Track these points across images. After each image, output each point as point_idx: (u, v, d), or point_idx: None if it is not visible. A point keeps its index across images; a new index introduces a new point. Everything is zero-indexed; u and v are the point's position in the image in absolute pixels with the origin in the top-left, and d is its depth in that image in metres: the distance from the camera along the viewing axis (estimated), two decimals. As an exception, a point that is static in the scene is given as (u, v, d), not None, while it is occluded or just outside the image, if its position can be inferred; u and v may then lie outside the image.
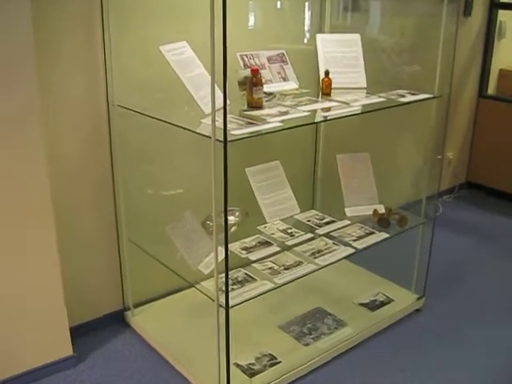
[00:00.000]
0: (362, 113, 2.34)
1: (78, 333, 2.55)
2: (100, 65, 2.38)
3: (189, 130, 1.99)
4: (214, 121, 1.83)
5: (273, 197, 2.72)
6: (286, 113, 2.22)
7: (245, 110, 2.24)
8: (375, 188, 2.85)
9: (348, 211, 2.79)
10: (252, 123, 2.06)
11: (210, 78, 2.24)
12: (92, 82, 2.38)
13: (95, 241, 2.61)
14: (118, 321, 2.78)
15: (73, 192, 2.46)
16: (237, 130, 1.96)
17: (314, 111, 2.31)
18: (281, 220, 2.70)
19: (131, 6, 2.33)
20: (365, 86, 2.72)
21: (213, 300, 2.06)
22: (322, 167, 3.24)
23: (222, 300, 2.02)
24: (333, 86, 2.62)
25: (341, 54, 2.74)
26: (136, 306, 2.78)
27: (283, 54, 2.76)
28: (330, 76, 2.57)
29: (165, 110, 2.21)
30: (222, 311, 2.04)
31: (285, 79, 2.72)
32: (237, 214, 2.70)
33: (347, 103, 2.40)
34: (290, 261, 2.41)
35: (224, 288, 1.99)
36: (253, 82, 2.28)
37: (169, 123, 2.10)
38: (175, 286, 2.83)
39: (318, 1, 2.98)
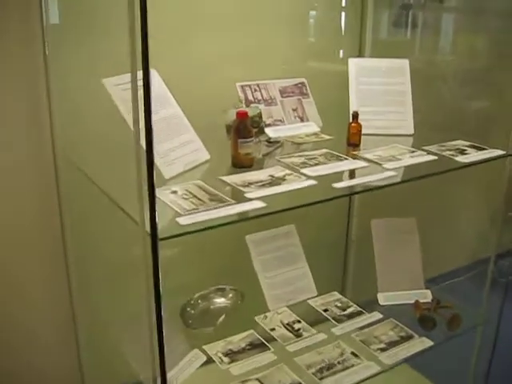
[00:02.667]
0: (397, 183, 1.60)
1: None
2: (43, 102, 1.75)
3: (119, 207, 1.33)
4: (141, 198, 1.16)
5: (280, 274, 2.06)
6: (280, 180, 1.53)
7: (224, 174, 1.57)
8: (421, 266, 2.11)
9: (381, 298, 2.07)
10: (220, 200, 1.38)
11: (185, 122, 1.61)
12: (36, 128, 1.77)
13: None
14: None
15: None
16: (187, 217, 1.29)
17: (327, 177, 1.59)
18: (288, 307, 2.01)
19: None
20: (411, 132, 1.98)
21: None
22: (358, 234, 2.50)
23: None
24: (368, 131, 1.90)
25: (381, 86, 2.01)
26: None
27: (303, 84, 2.06)
28: (361, 119, 1.85)
29: (111, 170, 1.57)
30: None
31: (302, 119, 2.02)
32: (230, 295, 2.04)
33: (379, 164, 1.67)
34: (285, 381, 1.72)
35: None
36: (238, 130, 1.60)
37: (103, 191, 1.45)
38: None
39: (357, 12, 2.23)
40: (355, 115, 1.82)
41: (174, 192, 1.44)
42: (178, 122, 1.66)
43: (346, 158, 1.71)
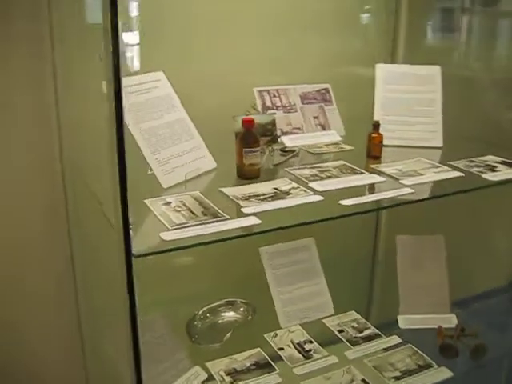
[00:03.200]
0: (413, 202, 1.47)
1: None
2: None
3: (107, 218, 1.26)
4: (118, 209, 1.08)
5: (295, 290, 1.94)
6: (284, 194, 1.42)
7: (227, 185, 1.48)
8: (447, 288, 1.96)
9: (402, 321, 1.93)
10: (213, 215, 1.29)
11: (191, 128, 1.54)
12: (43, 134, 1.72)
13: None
14: None
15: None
16: (173, 232, 1.20)
17: (336, 192, 1.47)
18: (301, 326, 1.90)
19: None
20: (440, 145, 1.84)
21: None
22: (384, 250, 2.35)
23: None
24: (393, 142, 1.78)
25: (409, 94, 1.88)
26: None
27: (327, 91, 1.95)
28: (386, 129, 1.73)
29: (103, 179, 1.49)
30: None
31: (324, 127, 1.90)
32: (240, 309, 1.95)
33: (397, 179, 1.54)
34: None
35: None
36: (244, 139, 1.50)
37: (98, 202, 1.38)
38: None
39: (389, 16, 2.10)
40: (376, 125, 1.70)
41: (168, 203, 1.36)
42: (182, 127, 1.59)
43: (362, 172, 1.59)
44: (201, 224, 1.23)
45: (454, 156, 1.75)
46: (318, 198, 1.41)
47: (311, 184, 1.49)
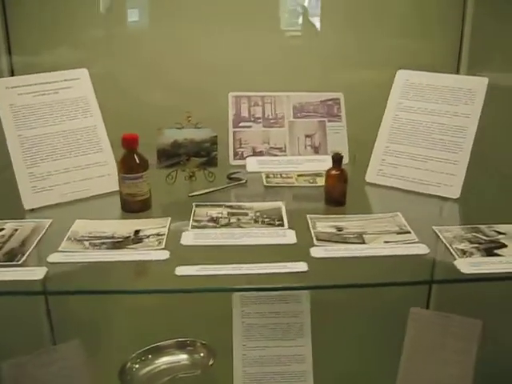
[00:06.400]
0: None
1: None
2: None
3: None
4: None
5: (268, 348, 1.55)
6: (132, 242, 1.08)
7: (98, 217, 1.20)
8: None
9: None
10: (11, 258, 1.04)
11: (102, 139, 1.29)
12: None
13: None
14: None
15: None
16: None
17: (198, 251, 1.07)
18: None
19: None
20: (455, 195, 1.25)
21: None
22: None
23: None
24: (389, 183, 1.29)
25: (430, 116, 1.31)
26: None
27: (336, 102, 1.48)
28: (387, 163, 1.26)
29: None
30: None
31: (318, 150, 1.45)
32: (201, 354, 1.62)
33: (314, 245, 1.07)
34: None
35: None
36: (123, 162, 1.19)
37: None
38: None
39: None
40: (336, 159, 1.20)
41: (-6, 230, 1.12)
42: (90, 137, 1.32)
43: (282, 226, 1.14)
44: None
45: (468, 215, 1.17)
46: (164, 256, 1.03)
47: (187, 233, 1.10)
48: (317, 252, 1.03)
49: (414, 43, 1.60)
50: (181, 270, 0.97)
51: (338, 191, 1.21)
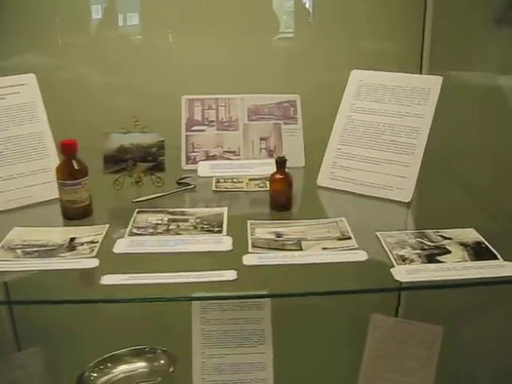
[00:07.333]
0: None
1: None
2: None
3: None
4: None
5: (227, 356, 1.52)
6: (66, 250, 1.05)
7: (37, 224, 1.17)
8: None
9: None
10: None
11: (48, 145, 1.27)
12: None
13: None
14: None
15: None
16: None
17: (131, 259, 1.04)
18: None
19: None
20: (407, 199, 1.21)
21: None
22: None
23: None
24: (341, 186, 1.24)
25: (383, 117, 1.27)
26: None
27: (292, 104, 1.45)
28: (339, 166, 1.23)
29: None
30: None
31: (272, 153, 1.41)
32: (162, 361, 1.59)
33: (250, 252, 1.04)
34: None
35: None
36: (61, 168, 1.16)
37: None
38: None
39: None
40: (280, 162, 1.17)
41: None
42: (34, 143, 1.30)
43: (220, 232, 1.10)
44: None
45: (417, 219, 1.13)
46: (92, 264, 1.00)
47: (121, 241, 1.07)
48: (249, 260, 0.99)
49: (377, 44, 1.56)
50: (107, 279, 0.94)
51: (283, 196, 1.17)
